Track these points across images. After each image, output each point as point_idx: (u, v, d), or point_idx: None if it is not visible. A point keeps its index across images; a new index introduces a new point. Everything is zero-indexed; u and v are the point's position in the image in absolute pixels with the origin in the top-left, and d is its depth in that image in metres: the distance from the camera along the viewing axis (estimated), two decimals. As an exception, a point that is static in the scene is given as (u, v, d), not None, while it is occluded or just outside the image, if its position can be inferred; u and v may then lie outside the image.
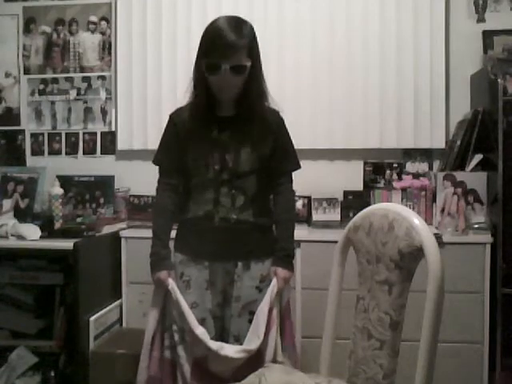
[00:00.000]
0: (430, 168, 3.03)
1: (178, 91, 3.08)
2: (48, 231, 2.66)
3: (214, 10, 3.03)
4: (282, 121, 2.01)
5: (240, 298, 1.93)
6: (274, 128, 1.96)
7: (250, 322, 1.91)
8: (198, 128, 1.92)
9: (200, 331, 1.85)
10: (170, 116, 2.02)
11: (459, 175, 2.70)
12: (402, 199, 2.88)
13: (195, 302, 1.92)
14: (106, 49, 3.28)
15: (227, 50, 1.78)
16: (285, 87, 3.04)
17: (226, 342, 1.92)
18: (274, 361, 1.87)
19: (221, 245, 1.93)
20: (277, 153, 1.98)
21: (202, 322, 1.90)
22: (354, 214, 1.78)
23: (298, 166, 2.05)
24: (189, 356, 1.88)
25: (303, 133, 3.03)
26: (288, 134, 2.03)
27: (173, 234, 2.02)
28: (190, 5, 3.10)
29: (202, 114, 1.91)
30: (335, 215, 2.94)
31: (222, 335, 1.96)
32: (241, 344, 1.89)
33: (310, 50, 3.04)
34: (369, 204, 2.69)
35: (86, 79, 3.30)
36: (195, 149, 1.94)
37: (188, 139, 1.94)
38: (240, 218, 1.92)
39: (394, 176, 3.05)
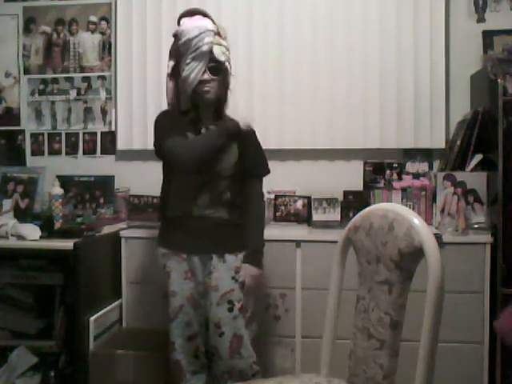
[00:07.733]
0: (430, 168, 3.03)
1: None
2: (48, 231, 2.65)
3: (214, 10, 3.03)
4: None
5: (218, 288, 2.12)
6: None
7: (229, 310, 2.11)
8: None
9: None
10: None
11: (459, 175, 2.70)
12: (402, 199, 2.89)
13: (174, 291, 2.16)
14: (106, 49, 3.28)
15: None
16: (285, 87, 3.05)
17: (207, 329, 2.15)
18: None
19: (197, 239, 2.14)
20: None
21: (180, 308, 2.15)
22: (354, 214, 1.78)
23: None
24: None
25: (303, 133, 3.05)
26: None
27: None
28: (190, 5, 3.10)
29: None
30: (335, 215, 2.94)
31: (204, 323, 2.17)
32: (221, 331, 2.10)
33: (310, 50, 3.04)
34: (369, 204, 2.69)
35: (86, 79, 3.30)
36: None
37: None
38: (214, 216, 2.14)
39: (394, 176, 3.04)
